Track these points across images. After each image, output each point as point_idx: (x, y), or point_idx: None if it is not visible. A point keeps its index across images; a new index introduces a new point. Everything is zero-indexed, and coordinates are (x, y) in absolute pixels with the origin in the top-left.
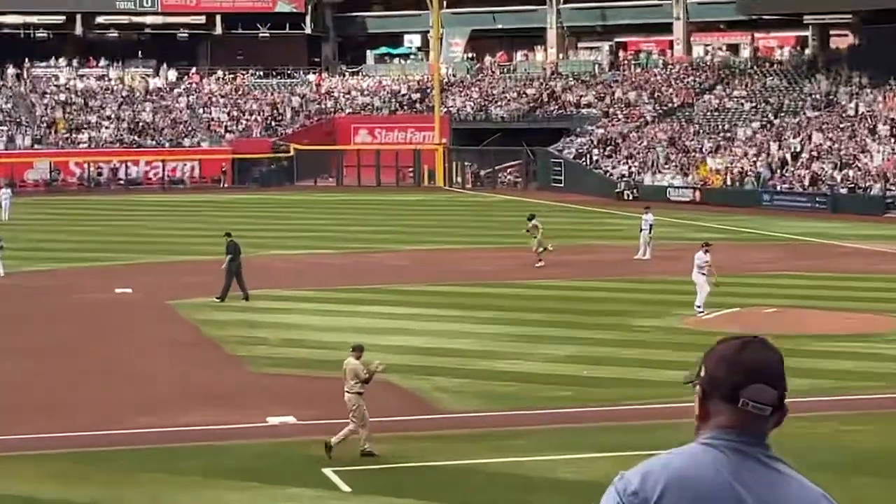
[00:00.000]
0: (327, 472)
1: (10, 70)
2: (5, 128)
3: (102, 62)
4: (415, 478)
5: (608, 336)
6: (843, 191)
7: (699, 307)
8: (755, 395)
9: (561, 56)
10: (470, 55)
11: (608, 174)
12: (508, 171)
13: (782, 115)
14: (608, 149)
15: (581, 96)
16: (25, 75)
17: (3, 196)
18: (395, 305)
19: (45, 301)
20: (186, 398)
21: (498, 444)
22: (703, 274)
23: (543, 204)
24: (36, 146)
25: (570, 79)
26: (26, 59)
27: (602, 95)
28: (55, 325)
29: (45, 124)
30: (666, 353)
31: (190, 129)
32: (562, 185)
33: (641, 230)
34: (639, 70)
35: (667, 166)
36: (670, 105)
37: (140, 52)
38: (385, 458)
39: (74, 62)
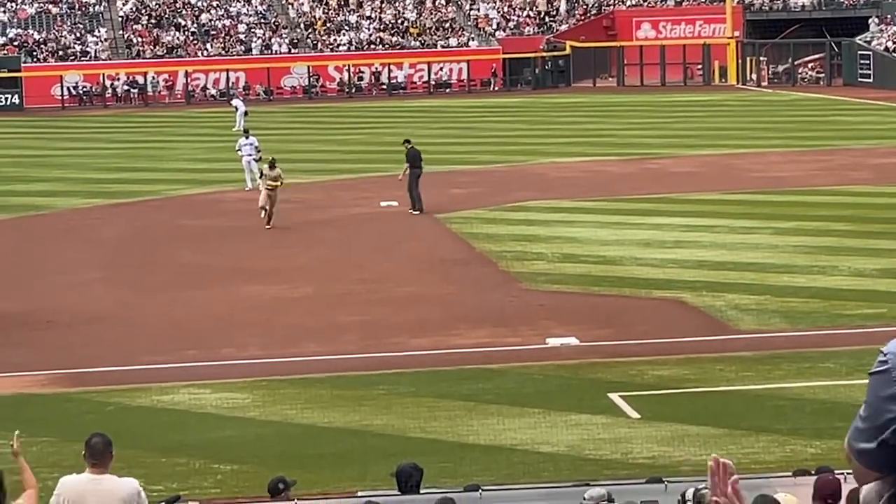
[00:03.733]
0: (613, 397)
1: None
2: (261, 31)
3: None
4: (709, 403)
5: None
6: None
7: None
8: None
9: None
10: None
11: None
12: (809, 66)
13: None
14: None
15: None
16: None
17: (236, 104)
18: (682, 216)
19: (307, 216)
20: (459, 318)
21: (801, 366)
22: None
23: (849, 101)
24: (293, 50)
25: None
26: None
27: None
28: (318, 242)
29: (301, 26)
30: None
31: (457, 27)
32: (870, 80)
33: None
34: None
35: None
36: None
37: None
38: (676, 381)
39: None
